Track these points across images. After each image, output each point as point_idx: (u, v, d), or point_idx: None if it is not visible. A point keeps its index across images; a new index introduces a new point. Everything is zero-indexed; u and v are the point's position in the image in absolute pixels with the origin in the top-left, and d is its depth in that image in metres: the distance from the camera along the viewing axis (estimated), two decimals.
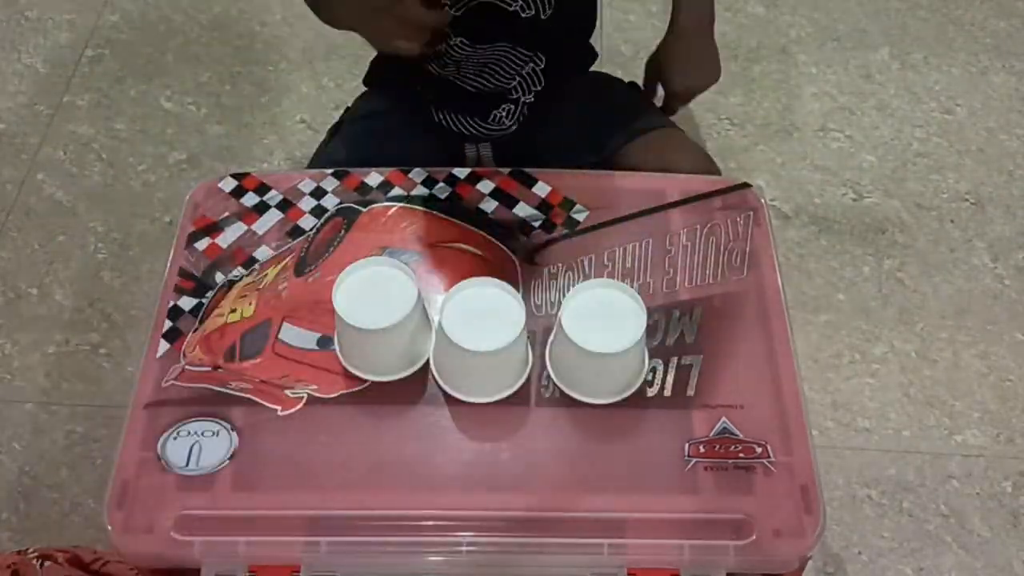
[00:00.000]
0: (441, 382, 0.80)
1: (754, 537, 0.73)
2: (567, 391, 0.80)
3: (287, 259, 0.90)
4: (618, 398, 0.80)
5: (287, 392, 0.81)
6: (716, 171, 1.08)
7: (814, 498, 0.75)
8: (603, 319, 0.77)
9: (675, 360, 0.82)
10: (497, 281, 0.80)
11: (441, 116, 1.08)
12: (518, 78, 1.07)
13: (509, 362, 0.79)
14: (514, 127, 1.09)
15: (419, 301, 0.78)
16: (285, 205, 0.94)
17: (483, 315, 0.77)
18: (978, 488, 1.33)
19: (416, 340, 0.80)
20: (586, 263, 0.88)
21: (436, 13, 0.81)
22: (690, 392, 0.80)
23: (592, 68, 1.16)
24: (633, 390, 0.80)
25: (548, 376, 0.81)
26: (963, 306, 1.47)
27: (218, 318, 0.86)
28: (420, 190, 0.94)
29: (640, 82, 1.19)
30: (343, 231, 0.91)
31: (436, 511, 0.75)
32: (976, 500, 1.32)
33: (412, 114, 1.10)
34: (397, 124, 1.11)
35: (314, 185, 0.95)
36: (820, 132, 1.72)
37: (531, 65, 1.06)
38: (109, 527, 0.74)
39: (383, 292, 0.78)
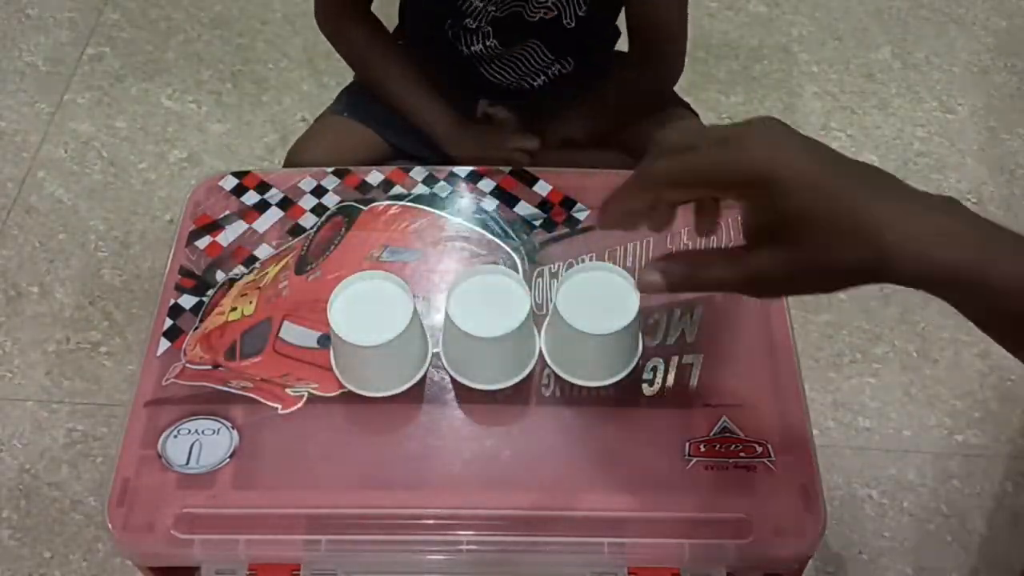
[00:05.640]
0: (452, 372, 0.80)
1: (754, 536, 0.73)
2: (561, 374, 0.80)
3: (288, 257, 0.90)
4: (611, 380, 0.80)
5: (288, 390, 0.81)
6: None
7: (815, 497, 0.75)
8: (597, 301, 0.77)
9: (675, 359, 0.82)
10: (502, 268, 0.80)
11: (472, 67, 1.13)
12: (543, 77, 1.12)
13: (516, 348, 0.79)
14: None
15: (415, 316, 0.77)
16: (286, 203, 0.94)
17: (489, 303, 0.77)
18: (979, 488, 1.33)
19: (412, 356, 0.80)
20: (587, 262, 0.88)
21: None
22: (691, 391, 0.80)
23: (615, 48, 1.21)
24: (627, 372, 0.80)
25: (548, 373, 0.81)
26: None
27: (219, 316, 0.86)
28: (421, 188, 0.94)
29: None
30: (344, 229, 0.91)
31: (436, 510, 0.75)
32: (977, 500, 1.32)
33: (438, 63, 1.14)
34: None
35: (315, 183, 0.95)
36: (822, 131, 1.72)
37: (557, 67, 1.12)
38: (109, 525, 0.74)
39: (379, 307, 0.77)
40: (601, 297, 0.77)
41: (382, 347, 0.74)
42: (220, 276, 0.89)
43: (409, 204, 0.93)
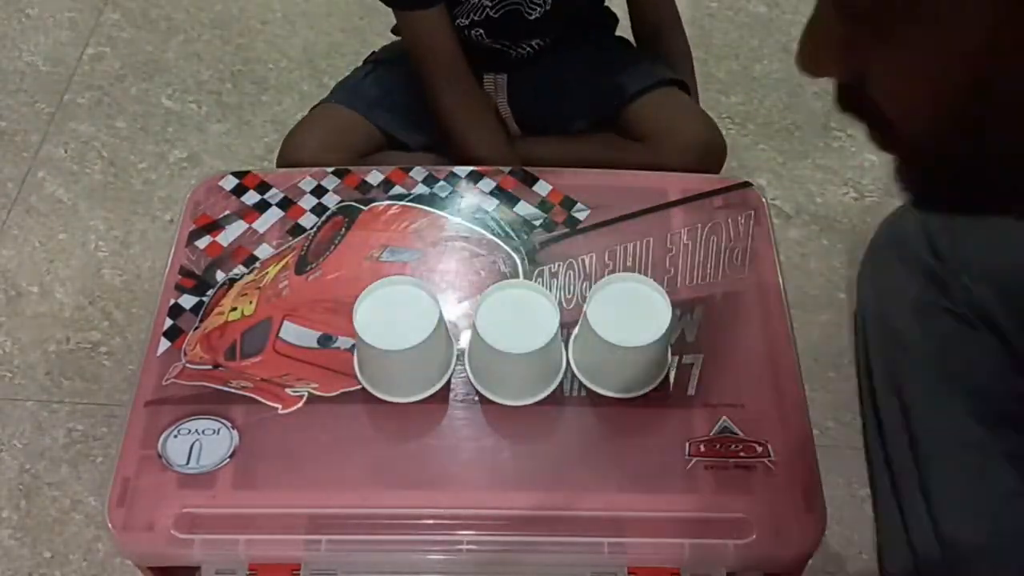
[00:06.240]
0: (478, 386, 0.80)
1: (754, 536, 0.73)
2: (590, 385, 0.80)
3: (288, 257, 0.90)
4: (638, 393, 0.80)
5: (287, 390, 0.81)
6: (718, 136, 1.11)
7: (815, 497, 0.75)
8: (628, 313, 0.77)
9: (676, 359, 0.82)
10: (531, 283, 0.80)
11: (469, 34, 1.12)
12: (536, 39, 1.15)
13: (543, 364, 0.79)
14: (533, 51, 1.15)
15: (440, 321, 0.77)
16: (286, 203, 0.94)
17: (517, 317, 0.77)
18: None
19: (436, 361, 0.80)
20: (587, 262, 0.88)
21: None
22: (691, 391, 0.80)
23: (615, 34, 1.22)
24: (654, 385, 0.80)
25: (565, 381, 0.81)
26: None
27: (219, 316, 0.86)
28: (421, 188, 0.94)
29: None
30: (344, 229, 0.91)
31: (436, 509, 0.75)
32: None
33: None
34: None
35: (315, 183, 0.95)
36: (821, 131, 1.72)
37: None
38: (109, 525, 0.74)
39: (405, 312, 0.77)
40: (632, 309, 0.77)
41: (409, 351, 0.74)
42: (220, 276, 0.89)
43: (409, 204, 0.93)
